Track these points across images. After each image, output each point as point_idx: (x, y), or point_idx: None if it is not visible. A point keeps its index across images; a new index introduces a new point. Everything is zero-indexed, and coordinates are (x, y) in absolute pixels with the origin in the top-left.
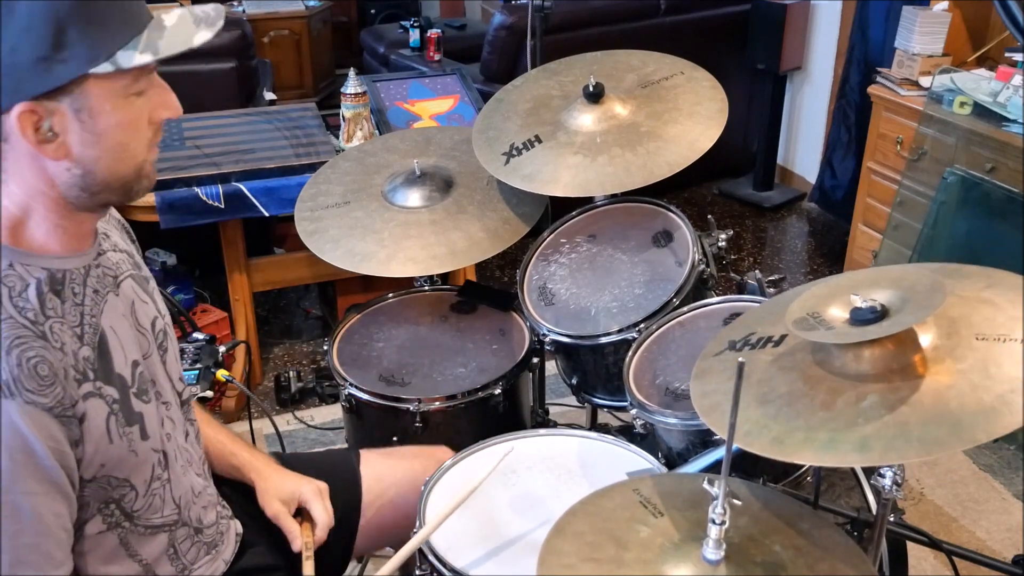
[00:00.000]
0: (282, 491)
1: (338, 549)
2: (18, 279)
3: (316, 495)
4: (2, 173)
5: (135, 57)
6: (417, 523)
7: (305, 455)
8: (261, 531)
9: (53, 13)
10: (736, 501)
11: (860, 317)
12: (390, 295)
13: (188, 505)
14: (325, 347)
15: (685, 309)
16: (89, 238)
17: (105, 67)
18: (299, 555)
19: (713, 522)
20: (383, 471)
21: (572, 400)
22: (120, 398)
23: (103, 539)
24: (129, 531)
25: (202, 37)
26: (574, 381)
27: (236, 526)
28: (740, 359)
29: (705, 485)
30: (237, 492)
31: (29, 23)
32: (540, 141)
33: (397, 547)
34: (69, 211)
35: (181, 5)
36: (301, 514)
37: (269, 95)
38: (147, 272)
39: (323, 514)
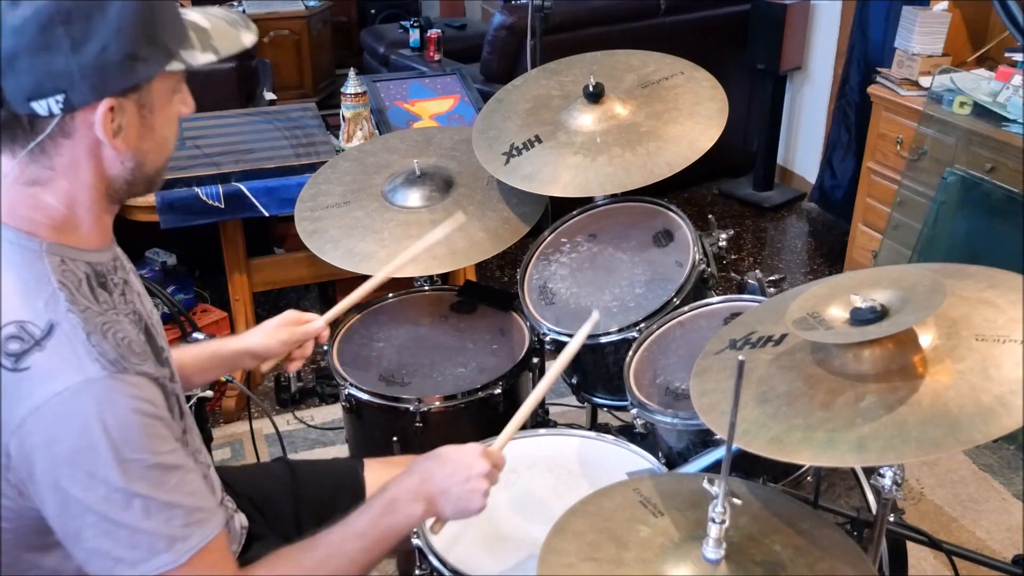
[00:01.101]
0: (270, 325)
1: None
2: (72, 275)
3: (295, 312)
4: (52, 169)
5: (199, 56)
6: (416, 528)
7: (310, 463)
8: (267, 524)
9: (140, 14)
10: (736, 500)
11: (860, 317)
12: (390, 295)
13: None
14: (325, 347)
15: (685, 309)
16: (111, 233)
17: (176, 65)
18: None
19: (713, 521)
20: (386, 478)
21: (572, 400)
22: (170, 379)
23: None
24: None
25: (249, 39)
26: (574, 381)
27: (241, 519)
28: (740, 357)
29: (705, 484)
30: (240, 487)
31: (120, 24)
32: (540, 141)
33: (398, 555)
34: (107, 204)
35: (180, 6)
36: None
37: (269, 95)
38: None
39: (316, 321)
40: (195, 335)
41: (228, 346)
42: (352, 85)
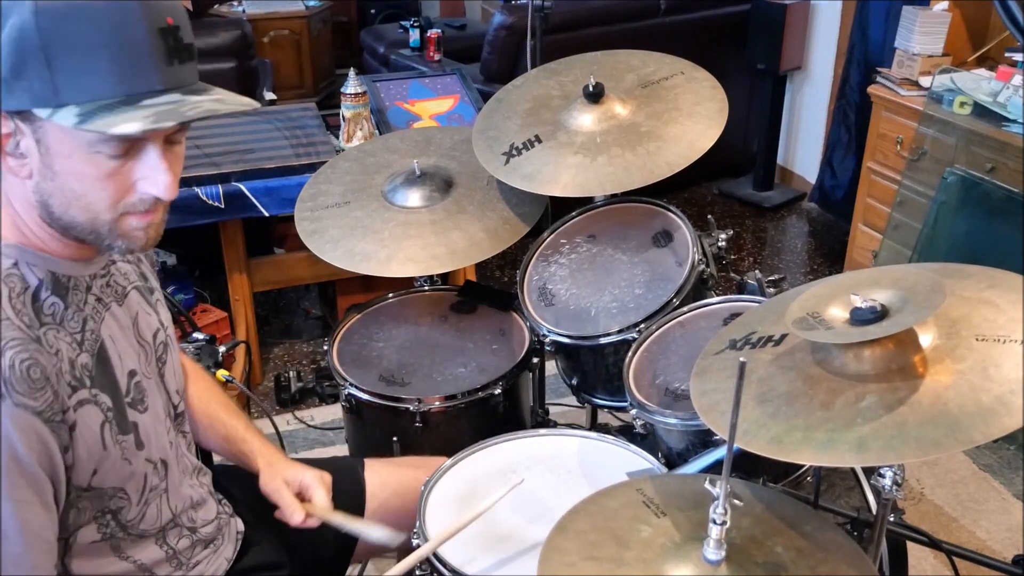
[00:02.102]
0: (285, 473)
1: (339, 552)
2: (19, 279)
3: (318, 481)
4: (3, 170)
5: (68, 117)
6: (417, 523)
7: (310, 462)
8: (264, 529)
9: (22, 41)
10: (737, 502)
11: (860, 317)
12: (390, 295)
13: (184, 511)
14: (325, 347)
15: (685, 309)
16: (94, 251)
17: (43, 112)
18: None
19: (714, 522)
20: (386, 478)
21: (572, 400)
22: (114, 406)
23: (95, 546)
24: (121, 539)
25: (133, 128)
26: (574, 381)
27: (237, 524)
28: (741, 359)
29: (707, 485)
30: (239, 490)
31: (3, 41)
32: (540, 141)
33: (397, 551)
34: (50, 227)
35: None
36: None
37: (269, 95)
38: (153, 283)
39: (323, 500)
40: (194, 334)
41: (254, 443)
42: (352, 85)
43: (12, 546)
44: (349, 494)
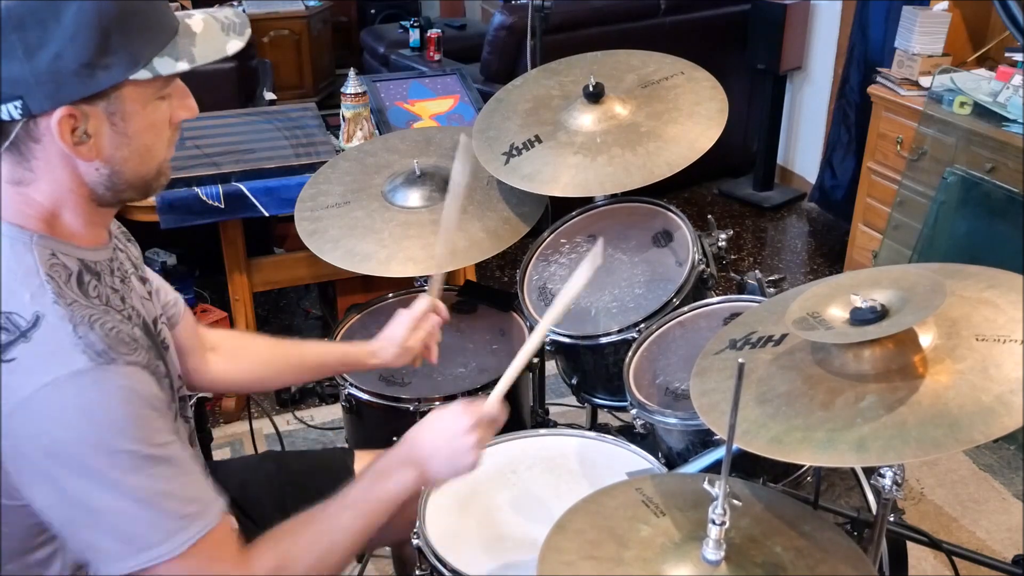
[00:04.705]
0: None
1: None
2: (63, 268)
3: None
4: (32, 171)
5: (171, 64)
6: (417, 521)
7: (300, 453)
8: (259, 528)
9: (99, 21)
10: (736, 502)
11: (860, 317)
12: (390, 295)
13: None
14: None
15: (685, 309)
16: (108, 232)
17: (143, 74)
18: None
19: (713, 522)
20: None
21: (572, 400)
22: (168, 374)
23: None
24: None
25: (234, 46)
26: (574, 381)
27: (232, 522)
28: (740, 359)
29: (706, 485)
30: (235, 488)
31: (75, 30)
32: (540, 141)
33: (395, 545)
34: (94, 207)
35: (182, 7)
36: None
37: (269, 95)
38: (143, 272)
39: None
40: None
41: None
42: (352, 85)
43: (193, 475)
44: (341, 486)
